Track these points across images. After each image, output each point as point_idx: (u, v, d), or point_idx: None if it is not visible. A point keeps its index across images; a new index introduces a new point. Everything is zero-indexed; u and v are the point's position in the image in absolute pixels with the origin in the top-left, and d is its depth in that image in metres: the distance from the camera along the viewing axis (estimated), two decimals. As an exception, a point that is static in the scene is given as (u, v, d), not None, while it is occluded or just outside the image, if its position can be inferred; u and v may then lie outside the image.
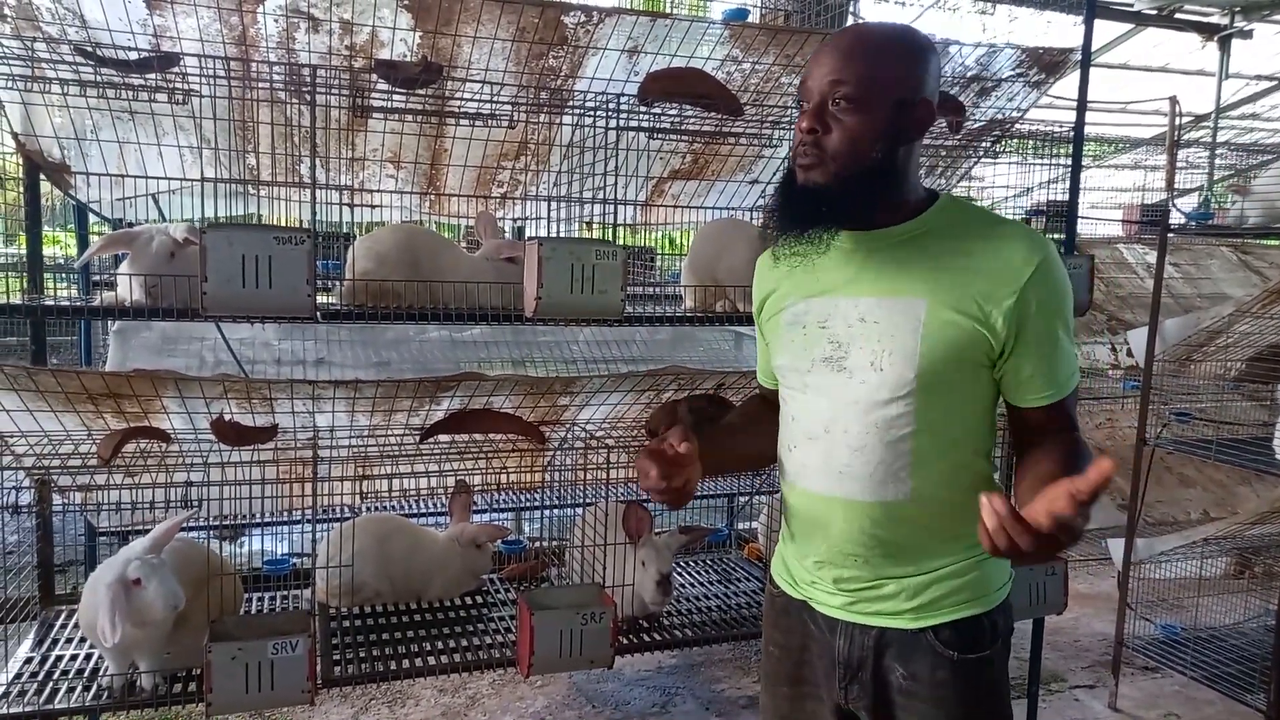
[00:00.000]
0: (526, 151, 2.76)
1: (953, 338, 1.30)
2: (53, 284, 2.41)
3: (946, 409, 1.33)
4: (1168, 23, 6.64)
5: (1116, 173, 7.44)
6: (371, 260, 2.25)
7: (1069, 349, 1.34)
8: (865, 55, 1.30)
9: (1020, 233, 1.33)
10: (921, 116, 1.33)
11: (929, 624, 1.37)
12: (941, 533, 1.37)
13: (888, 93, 1.29)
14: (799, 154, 1.33)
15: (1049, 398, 1.33)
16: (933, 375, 1.30)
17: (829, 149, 1.30)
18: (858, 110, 1.28)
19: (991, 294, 1.29)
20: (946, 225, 1.36)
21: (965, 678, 1.37)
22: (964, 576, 1.37)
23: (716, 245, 2.58)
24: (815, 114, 1.30)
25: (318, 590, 2.47)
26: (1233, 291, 4.53)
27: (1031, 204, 3.52)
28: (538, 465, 2.86)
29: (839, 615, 1.42)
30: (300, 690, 1.98)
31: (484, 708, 3.14)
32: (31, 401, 2.16)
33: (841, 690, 1.42)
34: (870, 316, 1.34)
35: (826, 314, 1.38)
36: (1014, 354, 1.31)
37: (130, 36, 2.12)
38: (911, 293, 1.32)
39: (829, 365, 1.37)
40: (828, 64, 1.30)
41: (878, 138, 1.30)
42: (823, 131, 1.30)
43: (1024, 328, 1.29)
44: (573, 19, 2.35)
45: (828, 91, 1.29)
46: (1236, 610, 3.73)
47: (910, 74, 1.31)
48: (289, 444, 2.35)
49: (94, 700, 2.05)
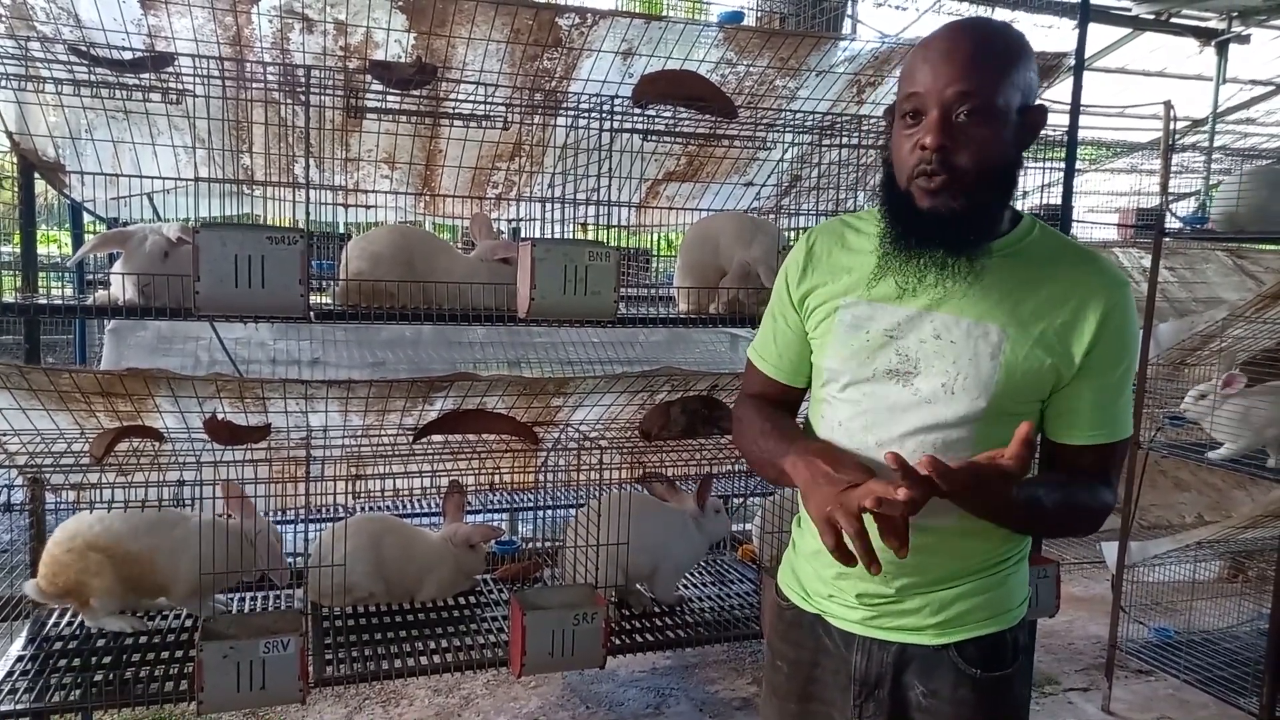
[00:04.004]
0: (521, 153, 2.77)
1: (1031, 370, 1.26)
2: (47, 283, 2.41)
3: (1003, 437, 1.23)
4: (1165, 27, 6.65)
5: (1113, 177, 7.45)
6: (366, 260, 2.25)
7: (1127, 394, 1.30)
8: (990, 61, 1.20)
9: (1103, 267, 1.29)
10: (1037, 121, 1.26)
11: (952, 640, 1.34)
12: (974, 553, 1.34)
13: (1013, 101, 1.21)
14: (921, 173, 1.22)
15: (1092, 437, 1.29)
16: (1004, 403, 1.26)
17: (958, 165, 1.20)
18: (989, 123, 1.19)
19: (1072, 329, 1.26)
20: (1031, 249, 1.31)
21: (987, 696, 1.34)
22: (988, 593, 1.35)
23: (706, 239, 2.59)
24: (942, 128, 1.19)
25: (310, 590, 2.48)
26: (1228, 296, 4.54)
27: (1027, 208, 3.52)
28: (531, 466, 2.86)
29: (857, 630, 1.38)
30: (292, 689, 1.98)
31: (478, 708, 3.14)
32: (24, 400, 2.16)
33: (856, 707, 1.38)
34: (947, 335, 1.28)
35: (896, 324, 1.31)
36: (1070, 386, 1.28)
37: (125, 36, 2.12)
38: (993, 318, 1.26)
39: (893, 378, 1.30)
40: (947, 71, 1.19)
41: (1007, 150, 1.23)
42: (951, 148, 1.20)
43: (1095, 362, 1.26)
44: (567, 21, 2.35)
45: (953, 103, 1.19)
46: (1230, 614, 3.74)
47: (1028, 77, 1.24)
48: (282, 444, 2.35)
49: (86, 698, 2.05)
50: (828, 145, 2.64)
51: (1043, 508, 1.26)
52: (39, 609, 2.42)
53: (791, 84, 2.74)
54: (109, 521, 2.24)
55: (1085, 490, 1.30)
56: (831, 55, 2.65)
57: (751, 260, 2.49)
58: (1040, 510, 1.26)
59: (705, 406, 2.66)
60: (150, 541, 2.26)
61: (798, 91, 2.76)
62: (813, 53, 2.61)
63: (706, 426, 2.67)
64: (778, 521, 2.79)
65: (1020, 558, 1.40)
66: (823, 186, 2.73)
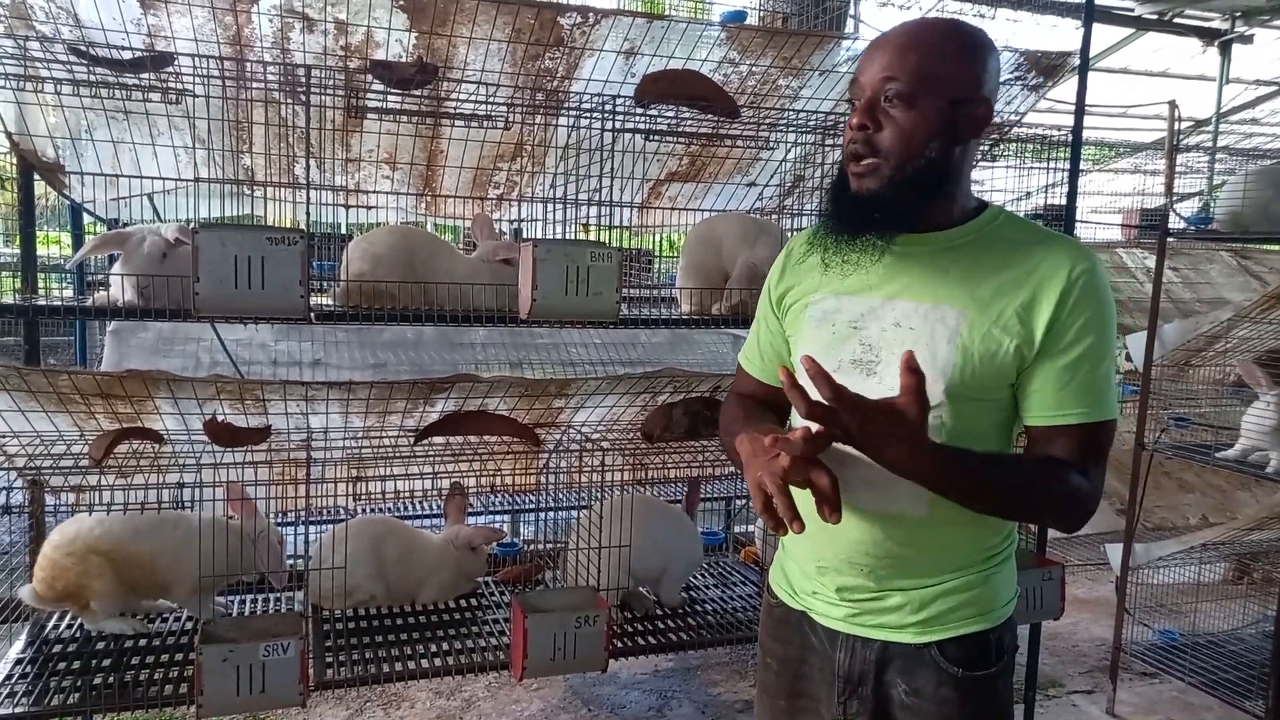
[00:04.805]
0: (523, 153, 2.76)
1: (989, 352, 1.25)
2: (47, 284, 2.40)
3: (974, 425, 1.27)
4: (1168, 27, 6.63)
5: (1117, 177, 7.44)
6: (367, 261, 2.24)
7: (1102, 372, 1.26)
8: (918, 50, 1.24)
9: (1066, 244, 1.29)
10: (979, 115, 1.28)
11: (933, 639, 1.33)
12: (954, 547, 1.33)
13: (942, 89, 1.24)
14: (850, 154, 1.28)
15: (1058, 418, 1.26)
16: (964, 388, 1.26)
17: (881, 147, 1.25)
18: (910, 106, 1.23)
19: (1032, 306, 1.25)
20: (993, 236, 1.31)
21: (969, 695, 1.34)
22: (971, 591, 1.34)
23: (709, 240, 2.58)
24: (866, 110, 1.25)
25: (311, 592, 2.47)
26: (1232, 296, 4.53)
27: (1030, 208, 3.51)
28: (533, 467, 2.85)
29: (840, 628, 1.38)
30: (293, 693, 1.97)
31: (479, 711, 3.13)
32: (24, 401, 2.15)
33: (840, 704, 1.39)
34: (906, 322, 1.29)
35: (859, 314, 1.33)
36: (1033, 365, 1.26)
37: (124, 36, 2.11)
38: (951, 302, 1.27)
39: (858, 368, 1.32)
40: (880, 59, 1.25)
41: (931, 135, 1.25)
42: (874, 129, 1.25)
43: (1056, 338, 1.24)
44: (569, 20, 2.34)
45: (879, 88, 1.24)
46: (1235, 616, 3.72)
47: (966, 70, 1.26)
48: (283, 445, 2.34)
49: (86, 701, 2.04)
50: (830, 145, 2.63)
51: (987, 476, 1.22)
52: (38, 611, 2.41)
53: (794, 83, 2.72)
54: (109, 524, 2.23)
55: (1047, 470, 1.25)
56: (834, 54, 2.64)
57: (757, 262, 2.47)
58: (986, 479, 1.22)
59: (707, 408, 2.65)
60: (150, 543, 2.25)
61: (800, 91, 2.75)
62: (815, 52, 2.60)
63: (709, 428, 2.65)
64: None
65: (1005, 556, 1.39)
66: (825, 187, 2.71)
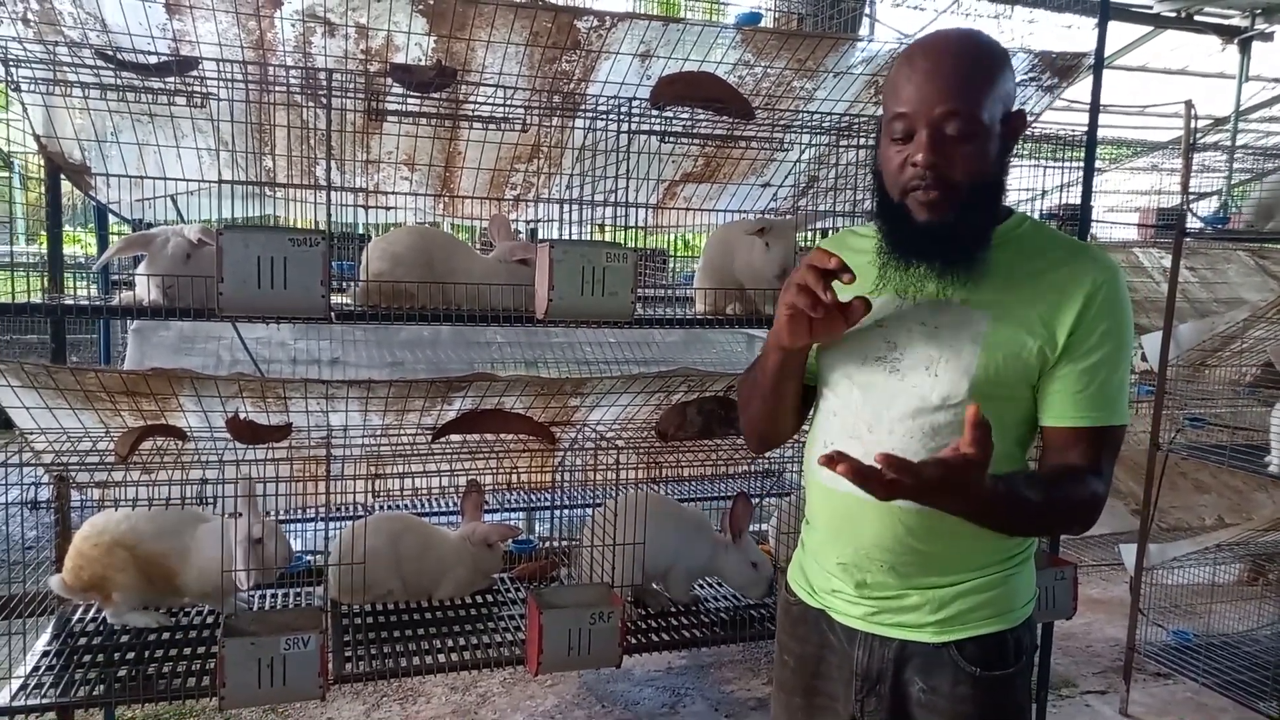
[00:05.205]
0: (539, 155, 2.78)
1: (1012, 353, 1.28)
2: (73, 283, 2.44)
3: (995, 423, 1.27)
4: (1187, 25, 6.59)
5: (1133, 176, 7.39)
6: (386, 261, 2.27)
7: (1118, 378, 1.30)
8: (973, 78, 1.24)
9: (1091, 255, 1.32)
10: (1019, 126, 1.31)
11: (952, 639, 1.35)
12: (973, 546, 1.34)
13: (995, 111, 1.25)
14: (914, 188, 1.27)
15: (1078, 420, 1.29)
16: (988, 385, 1.28)
17: (952, 179, 1.25)
18: (976, 137, 1.24)
19: (1055, 312, 1.28)
20: (1021, 242, 1.34)
21: (987, 694, 1.35)
22: (990, 591, 1.35)
23: (727, 248, 2.60)
24: (932, 147, 1.23)
25: (330, 587, 2.50)
26: (1249, 296, 4.50)
27: (1046, 208, 3.51)
28: (548, 465, 2.87)
29: (859, 626, 1.40)
30: (312, 685, 2.00)
31: (494, 706, 3.16)
32: (51, 399, 2.20)
33: (858, 702, 1.40)
34: (932, 322, 1.32)
35: (885, 313, 1.36)
36: (1055, 367, 1.29)
37: (150, 41, 2.15)
38: (979, 304, 1.30)
39: (882, 365, 1.34)
40: (931, 90, 1.23)
41: (995, 160, 1.27)
42: (943, 165, 1.24)
43: (1077, 343, 1.28)
44: (585, 24, 2.36)
45: (939, 121, 1.23)
46: (1250, 617, 3.71)
47: (1006, 86, 1.28)
48: (303, 443, 2.37)
49: (110, 693, 2.08)
50: (845, 146, 2.64)
51: (1025, 500, 1.23)
52: (64, 605, 2.45)
53: (809, 85, 2.74)
54: (134, 519, 2.27)
55: (1071, 481, 1.29)
56: (849, 56, 2.64)
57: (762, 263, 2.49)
58: (1023, 503, 1.23)
59: (721, 407, 2.67)
60: (173, 540, 2.29)
61: (815, 92, 2.76)
62: (830, 53, 2.61)
63: (723, 427, 2.67)
64: (793, 522, 2.80)
65: (1025, 557, 1.41)
66: (840, 188, 2.73)
